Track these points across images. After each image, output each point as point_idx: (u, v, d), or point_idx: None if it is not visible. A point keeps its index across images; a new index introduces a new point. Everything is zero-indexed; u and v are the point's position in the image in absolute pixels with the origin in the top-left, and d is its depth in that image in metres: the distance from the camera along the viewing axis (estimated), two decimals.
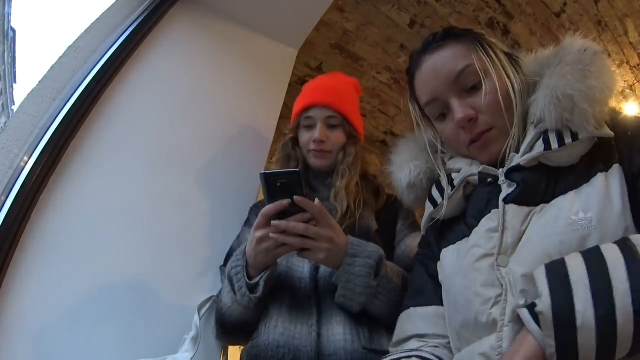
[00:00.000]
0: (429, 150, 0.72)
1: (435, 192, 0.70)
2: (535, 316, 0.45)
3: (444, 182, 0.69)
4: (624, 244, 0.44)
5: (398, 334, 0.69)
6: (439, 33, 0.68)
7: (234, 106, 1.33)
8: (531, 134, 0.59)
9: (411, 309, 0.70)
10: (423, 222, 0.73)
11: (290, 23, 1.44)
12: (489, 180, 0.62)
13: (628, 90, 2.74)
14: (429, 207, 0.71)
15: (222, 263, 1.02)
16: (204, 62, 1.33)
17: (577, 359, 0.41)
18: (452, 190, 0.66)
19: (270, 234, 0.74)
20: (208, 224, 1.16)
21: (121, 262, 1.01)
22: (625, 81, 2.71)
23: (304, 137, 1.01)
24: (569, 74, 0.57)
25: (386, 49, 2.36)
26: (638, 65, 2.61)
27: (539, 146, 0.58)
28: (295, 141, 1.05)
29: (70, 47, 1.09)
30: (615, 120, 0.58)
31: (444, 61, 0.65)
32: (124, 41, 1.15)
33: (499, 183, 0.60)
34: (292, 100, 1.14)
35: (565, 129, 0.56)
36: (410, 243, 0.96)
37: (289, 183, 0.72)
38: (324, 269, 0.88)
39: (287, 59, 1.51)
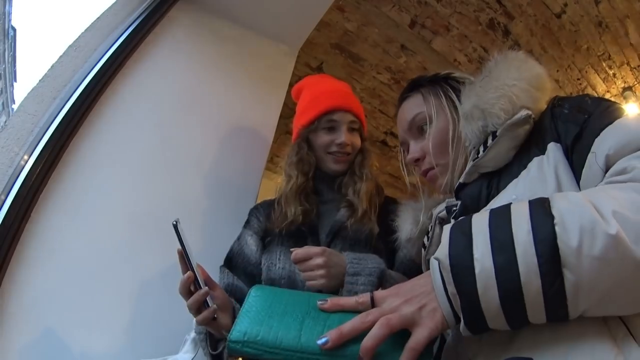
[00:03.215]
0: (424, 208, 0.78)
1: (424, 239, 0.76)
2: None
3: (430, 227, 0.74)
4: (537, 200, 0.42)
5: None
6: (406, 86, 0.79)
7: (234, 106, 1.33)
8: (471, 155, 0.64)
9: None
10: (423, 267, 0.77)
11: (291, 23, 1.44)
12: (454, 209, 0.66)
13: (628, 91, 2.74)
14: (422, 252, 0.76)
15: (222, 263, 1.02)
16: (204, 61, 1.33)
17: (481, 311, 0.39)
18: (431, 231, 0.72)
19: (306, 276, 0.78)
20: (208, 224, 1.16)
21: (121, 262, 1.01)
22: (625, 82, 2.71)
23: (324, 138, 1.00)
24: (472, 89, 0.64)
25: (387, 49, 2.36)
26: (638, 66, 2.61)
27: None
28: (308, 143, 1.04)
29: (70, 46, 1.10)
30: (558, 102, 0.59)
31: (404, 112, 0.76)
32: (124, 40, 1.15)
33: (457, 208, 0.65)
34: (292, 101, 1.14)
35: (487, 135, 0.60)
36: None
37: (175, 232, 0.75)
38: None
39: (288, 59, 1.51)
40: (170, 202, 1.12)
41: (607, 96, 2.80)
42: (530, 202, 0.41)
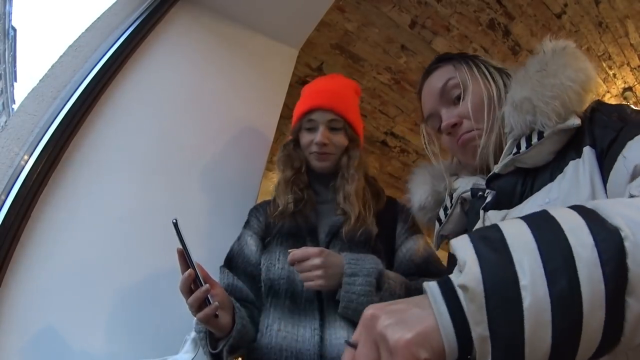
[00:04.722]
0: (444, 173, 0.76)
1: (441, 212, 0.74)
2: (448, 291, 0.31)
3: (447, 201, 0.73)
4: (580, 207, 0.33)
5: None
6: (433, 60, 0.77)
7: (234, 106, 1.33)
8: (508, 143, 0.62)
9: None
10: (434, 241, 0.76)
11: (291, 23, 1.44)
12: (479, 194, 0.65)
13: (628, 92, 2.74)
14: (436, 225, 0.75)
15: (222, 263, 1.02)
16: (204, 61, 1.33)
17: (524, 353, 0.28)
18: (450, 208, 0.70)
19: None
20: (208, 223, 1.16)
21: (121, 262, 1.01)
22: (625, 82, 2.71)
23: (306, 139, 1.01)
24: (526, 78, 0.61)
25: (387, 50, 2.36)
26: (638, 66, 2.61)
27: (512, 152, 0.61)
28: (296, 143, 1.05)
29: (70, 46, 1.10)
30: (597, 107, 0.58)
31: (433, 81, 0.73)
32: (124, 40, 1.15)
33: (485, 195, 0.64)
34: (292, 101, 1.14)
35: (533, 131, 0.59)
36: (411, 246, 0.96)
37: (174, 230, 0.76)
38: None
39: (288, 59, 1.51)
40: (170, 202, 1.12)
41: (607, 96, 2.80)
42: (576, 208, 0.33)
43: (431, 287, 0.32)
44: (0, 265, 0.85)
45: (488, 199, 0.62)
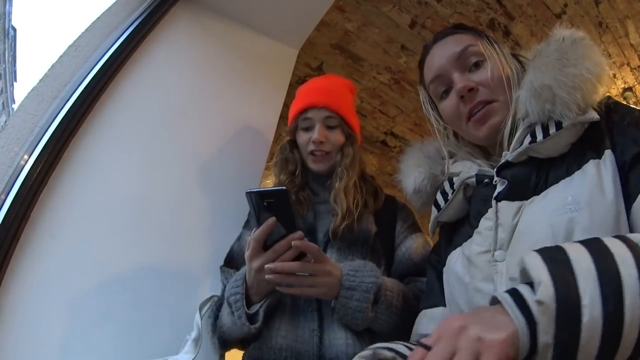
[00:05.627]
0: (443, 153, 0.74)
1: (438, 197, 0.72)
2: (521, 303, 0.38)
3: (446, 185, 0.71)
4: (625, 240, 0.40)
5: (411, 335, 0.72)
6: (449, 27, 0.74)
7: (234, 106, 1.33)
8: (520, 129, 0.61)
9: (422, 310, 0.72)
10: (430, 226, 0.74)
11: (291, 23, 1.44)
12: (485, 181, 0.63)
13: (628, 92, 2.74)
14: (433, 211, 0.73)
15: (222, 263, 1.02)
16: (204, 61, 1.33)
17: (576, 359, 0.35)
18: (452, 194, 0.68)
19: (267, 276, 0.74)
20: (208, 223, 1.16)
21: (121, 262, 1.01)
22: (625, 83, 2.71)
23: (303, 138, 1.01)
24: (547, 65, 0.59)
25: (387, 50, 2.36)
26: (638, 66, 2.61)
27: (526, 140, 0.59)
28: (293, 144, 1.05)
29: (70, 46, 1.10)
30: (614, 107, 0.58)
31: (449, 44, 0.70)
32: (124, 40, 1.15)
33: (493, 183, 0.62)
34: (292, 101, 1.14)
35: (550, 120, 0.57)
36: (411, 245, 0.95)
37: (276, 202, 0.69)
38: None
39: (288, 59, 1.51)
40: (170, 202, 1.12)
41: None
42: (623, 239, 0.39)
43: (506, 299, 0.39)
44: (0, 265, 0.85)
45: (500, 189, 0.60)
